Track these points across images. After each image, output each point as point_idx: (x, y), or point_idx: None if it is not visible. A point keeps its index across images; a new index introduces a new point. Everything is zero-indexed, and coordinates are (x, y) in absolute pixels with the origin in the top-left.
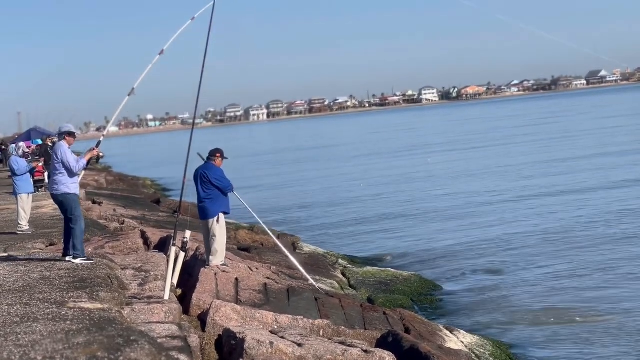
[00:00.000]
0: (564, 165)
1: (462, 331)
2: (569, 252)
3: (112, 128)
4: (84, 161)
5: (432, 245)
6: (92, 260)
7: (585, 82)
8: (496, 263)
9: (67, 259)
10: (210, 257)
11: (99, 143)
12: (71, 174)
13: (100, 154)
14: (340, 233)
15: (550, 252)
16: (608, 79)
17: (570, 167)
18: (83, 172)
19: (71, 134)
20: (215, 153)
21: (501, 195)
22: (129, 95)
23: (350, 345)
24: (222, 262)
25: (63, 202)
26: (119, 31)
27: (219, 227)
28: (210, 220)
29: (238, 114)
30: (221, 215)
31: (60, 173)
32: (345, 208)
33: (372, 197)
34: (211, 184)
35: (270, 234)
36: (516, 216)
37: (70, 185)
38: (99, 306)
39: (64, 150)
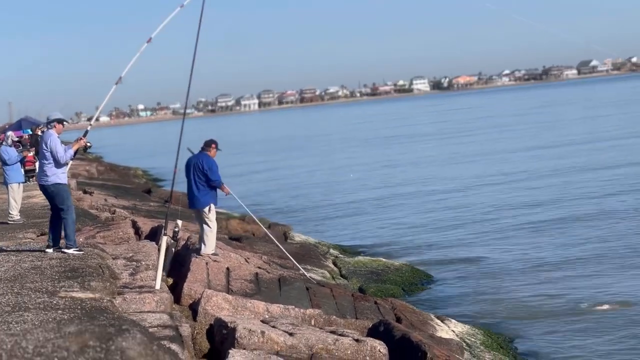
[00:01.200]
0: (553, 152)
1: (453, 320)
2: (561, 240)
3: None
4: (71, 151)
5: (424, 235)
6: (83, 250)
7: (576, 71)
8: (487, 252)
9: (49, 250)
10: (202, 247)
11: (86, 133)
12: (58, 164)
13: (88, 144)
14: (331, 222)
15: (542, 241)
16: (599, 68)
17: (560, 154)
18: (71, 161)
19: (60, 122)
20: (210, 144)
21: (492, 185)
22: (116, 84)
23: (342, 335)
24: (213, 252)
25: (55, 192)
26: (107, 19)
27: (210, 217)
28: (202, 210)
29: (229, 103)
30: (212, 206)
31: (50, 163)
32: (336, 198)
33: (363, 187)
34: (203, 174)
35: (262, 226)
36: (508, 205)
37: (60, 175)
38: (91, 295)
39: (54, 139)
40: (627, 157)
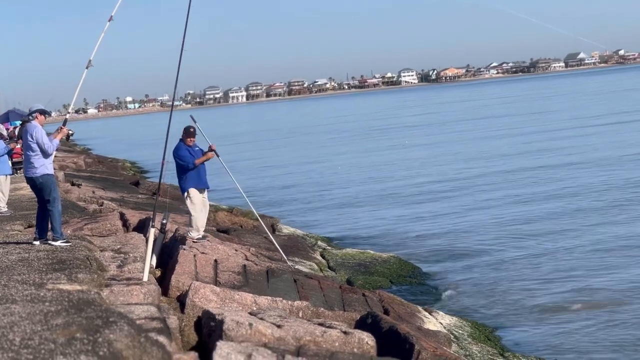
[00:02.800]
0: (541, 148)
1: (440, 312)
2: (550, 234)
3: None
4: (56, 141)
5: (411, 227)
6: (71, 242)
7: (563, 64)
8: (474, 245)
9: (37, 243)
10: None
11: (65, 121)
12: (45, 154)
13: (70, 132)
14: (319, 215)
15: (531, 234)
16: (586, 61)
17: (548, 150)
18: (55, 152)
19: (43, 113)
20: (183, 131)
21: (479, 177)
22: (87, 67)
23: (330, 327)
24: (199, 237)
25: (43, 183)
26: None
27: (189, 202)
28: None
29: (217, 96)
30: (191, 191)
31: (37, 155)
32: (324, 190)
33: (351, 179)
34: (175, 163)
35: (257, 214)
36: (496, 198)
37: (48, 166)
38: (78, 288)
39: (39, 130)
40: (620, 150)
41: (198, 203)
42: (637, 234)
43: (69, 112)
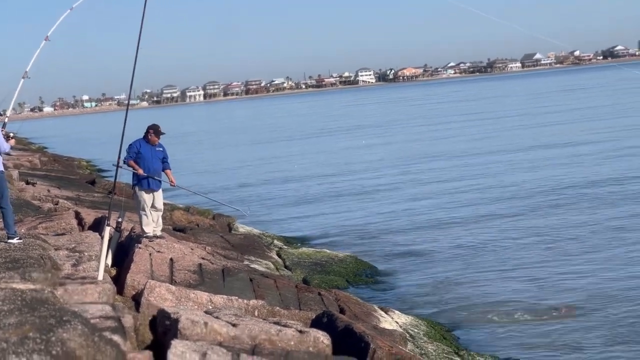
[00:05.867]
0: (494, 144)
1: (396, 311)
2: (506, 233)
3: (46, 109)
4: (13, 141)
5: (368, 227)
6: (22, 240)
7: (520, 64)
8: (431, 244)
9: None
10: None
11: (4, 125)
12: None
13: (11, 134)
14: (275, 214)
15: (487, 233)
16: (543, 62)
17: (502, 146)
18: None
19: None
20: (152, 129)
21: (435, 176)
22: (23, 78)
23: (285, 326)
24: (147, 234)
25: None
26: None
27: (135, 200)
28: None
29: (175, 95)
30: (135, 188)
31: None
32: (280, 189)
33: (307, 178)
34: None
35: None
36: (453, 197)
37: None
38: (31, 287)
39: None
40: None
41: (143, 201)
42: (589, 228)
43: (7, 117)
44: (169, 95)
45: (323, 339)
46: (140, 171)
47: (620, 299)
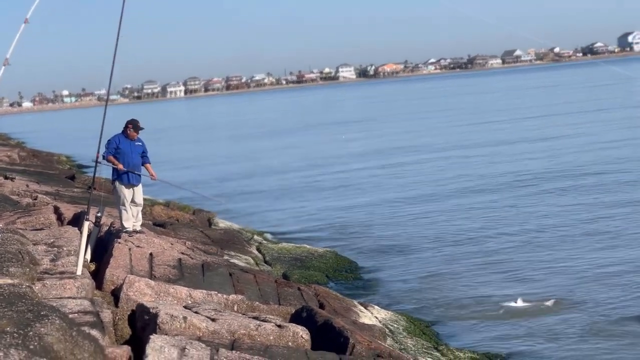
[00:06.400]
0: (477, 141)
1: (376, 307)
2: (482, 227)
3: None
4: None
5: (348, 222)
6: (0, 234)
7: (500, 61)
8: (411, 239)
9: None
10: None
11: None
12: None
13: None
14: (255, 209)
15: (463, 227)
16: (523, 58)
17: (483, 140)
18: None
19: None
20: (131, 123)
21: (414, 170)
22: (4, 65)
23: (264, 320)
24: (126, 229)
25: None
26: None
27: (115, 194)
28: None
29: (155, 90)
30: (115, 183)
31: None
32: (261, 184)
33: (287, 173)
34: None
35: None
36: (433, 191)
37: None
38: (9, 281)
39: None
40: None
41: (123, 196)
42: (568, 222)
43: None
44: (149, 90)
45: (302, 333)
46: (120, 166)
47: (599, 292)
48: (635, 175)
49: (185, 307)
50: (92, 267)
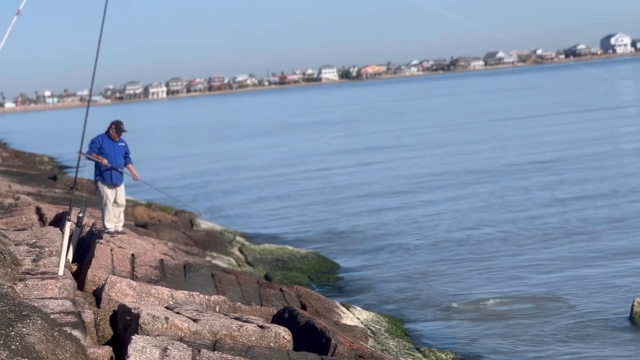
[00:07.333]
0: (461, 143)
1: (358, 307)
2: (464, 228)
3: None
4: None
5: (330, 223)
6: None
7: (483, 63)
8: (393, 240)
9: None
10: None
11: None
12: None
13: None
14: (237, 210)
15: (445, 228)
16: (505, 60)
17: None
18: None
19: None
20: (114, 125)
21: (395, 172)
22: None
23: (246, 321)
24: (108, 230)
25: None
26: None
27: (97, 195)
28: None
29: (137, 91)
30: (97, 183)
31: None
32: (243, 185)
33: (269, 175)
34: None
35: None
36: (413, 192)
37: None
38: None
39: None
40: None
41: (105, 197)
42: (552, 222)
43: None
44: (131, 91)
45: (284, 334)
46: (105, 161)
47: (580, 291)
48: (615, 172)
49: (167, 307)
50: (74, 267)
